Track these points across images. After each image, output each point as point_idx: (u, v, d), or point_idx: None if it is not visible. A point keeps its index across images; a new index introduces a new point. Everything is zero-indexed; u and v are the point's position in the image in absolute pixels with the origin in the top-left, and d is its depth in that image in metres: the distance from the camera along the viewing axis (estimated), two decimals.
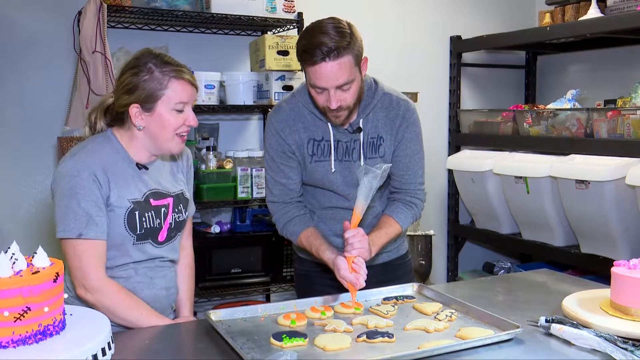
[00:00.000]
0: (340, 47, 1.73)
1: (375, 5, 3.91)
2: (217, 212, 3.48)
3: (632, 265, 1.64)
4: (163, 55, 1.73)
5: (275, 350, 1.46)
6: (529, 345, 1.51)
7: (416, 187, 2.06)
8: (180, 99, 1.70)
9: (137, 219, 1.73)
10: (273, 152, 2.03)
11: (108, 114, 1.80)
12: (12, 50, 3.08)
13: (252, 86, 3.28)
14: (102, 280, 1.69)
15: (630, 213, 2.86)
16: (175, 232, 1.84)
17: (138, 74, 1.68)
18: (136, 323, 1.70)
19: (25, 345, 1.22)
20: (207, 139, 3.38)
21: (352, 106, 1.87)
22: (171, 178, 1.87)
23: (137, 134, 1.75)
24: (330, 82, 1.77)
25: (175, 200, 1.83)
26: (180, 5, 3.12)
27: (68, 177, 1.67)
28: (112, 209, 1.71)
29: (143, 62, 1.70)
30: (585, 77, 4.03)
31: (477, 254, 4.32)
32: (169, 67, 1.69)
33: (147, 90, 1.67)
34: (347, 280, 1.76)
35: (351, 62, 1.77)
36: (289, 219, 2.02)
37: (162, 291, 1.84)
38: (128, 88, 1.69)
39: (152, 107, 1.69)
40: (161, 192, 1.80)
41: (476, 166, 3.61)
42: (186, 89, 1.71)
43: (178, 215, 1.83)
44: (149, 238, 1.77)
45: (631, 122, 2.90)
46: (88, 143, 1.75)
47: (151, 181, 1.79)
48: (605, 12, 3.31)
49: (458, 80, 4.13)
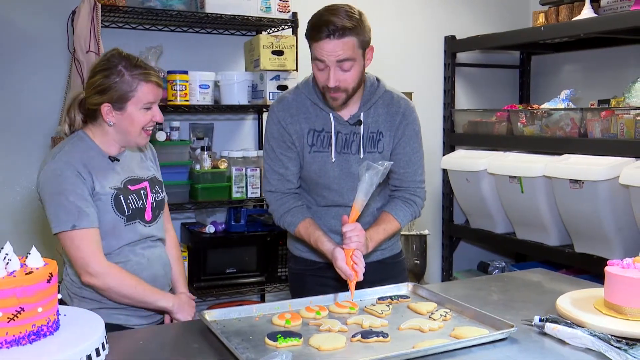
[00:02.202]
0: (346, 27, 1.81)
1: (370, 5, 3.90)
2: (211, 212, 3.48)
3: (626, 265, 1.65)
4: (132, 58, 1.86)
5: (270, 350, 1.46)
6: (524, 345, 1.51)
7: (416, 185, 2.08)
8: (148, 100, 1.85)
9: (123, 202, 1.87)
10: (273, 142, 2.04)
11: (81, 109, 1.92)
12: (6, 50, 3.07)
13: (246, 86, 3.28)
14: (103, 264, 1.80)
15: (624, 212, 2.87)
16: (158, 211, 1.99)
17: (109, 77, 1.81)
18: (143, 299, 1.85)
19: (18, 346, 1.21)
20: (202, 139, 3.37)
21: (351, 91, 1.91)
22: (141, 166, 2.00)
23: (107, 130, 1.88)
24: (332, 56, 1.83)
25: (150, 183, 1.98)
26: (175, 5, 3.11)
27: (53, 177, 1.80)
28: (98, 198, 1.83)
29: (113, 64, 1.83)
30: (579, 77, 4.04)
31: (472, 254, 4.33)
32: (138, 70, 1.83)
33: (119, 92, 1.81)
34: (343, 271, 1.80)
35: (355, 43, 1.83)
36: (286, 209, 2.03)
37: (160, 270, 1.96)
38: (100, 89, 1.82)
39: (123, 107, 1.83)
40: (136, 178, 1.94)
41: (471, 166, 3.61)
42: (153, 91, 1.86)
43: (157, 195, 1.99)
44: (137, 218, 1.90)
45: (624, 121, 2.92)
46: (64, 145, 1.88)
47: (124, 171, 1.93)
48: (599, 12, 3.33)
49: (452, 80, 4.14)
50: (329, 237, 1.94)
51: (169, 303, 1.91)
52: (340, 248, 1.83)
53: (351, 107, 2.01)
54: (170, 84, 3.08)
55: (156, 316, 1.96)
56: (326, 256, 1.91)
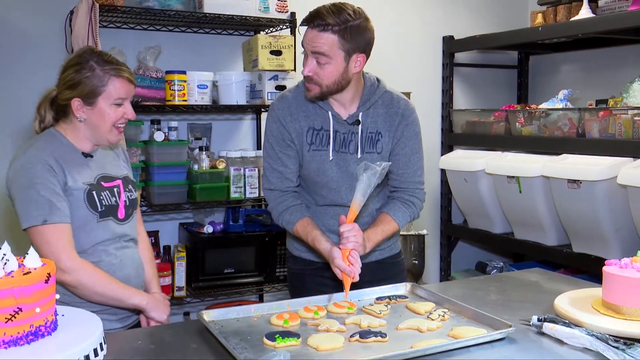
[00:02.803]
0: (329, 24, 1.83)
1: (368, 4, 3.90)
2: (209, 212, 3.47)
3: (624, 265, 1.65)
4: (104, 54, 1.86)
5: (268, 350, 1.46)
6: (522, 344, 1.51)
7: (415, 186, 2.08)
8: (120, 95, 1.84)
9: (96, 198, 1.85)
10: (272, 140, 2.05)
11: (53, 107, 1.91)
12: (4, 49, 3.06)
13: (245, 86, 3.27)
14: (75, 259, 1.77)
15: (622, 212, 2.88)
16: (131, 209, 1.97)
17: (80, 71, 1.80)
18: (115, 296, 1.83)
19: (16, 346, 1.21)
20: (200, 139, 3.37)
21: (325, 88, 1.92)
22: (115, 164, 2.00)
23: (78, 126, 1.87)
24: (308, 45, 1.88)
25: (123, 181, 1.97)
26: (173, 4, 3.11)
27: (23, 170, 1.77)
28: (70, 193, 1.81)
29: (85, 59, 1.82)
30: (577, 77, 4.05)
31: (470, 254, 4.33)
32: (110, 65, 1.82)
33: (89, 86, 1.80)
34: (342, 269, 1.79)
35: (335, 42, 1.85)
36: (285, 207, 2.04)
37: (132, 271, 1.94)
38: (71, 84, 1.81)
39: (94, 102, 1.82)
40: (110, 176, 1.94)
41: (469, 166, 3.62)
42: (124, 86, 1.84)
43: (130, 194, 1.97)
44: (110, 215, 1.89)
45: (622, 122, 2.92)
46: (35, 141, 1.86)
47: (97, 168, 1.92)
48: (597, 12, 3.33)
49: (451, 80, 4.14)
50: (327, 237, 1.94)
51: (143, 300, 1.88)
52: (338, 247, 1.83)
53: (350, 107, 2.01)
54: (169, 84, 3.08)
55: (129, 319, 1.94)
56: (323, 255, 1.91)
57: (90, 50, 1.87)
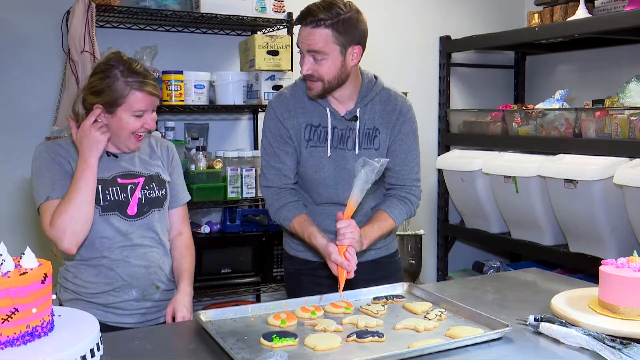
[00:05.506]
0: (321, 19, 1.84)
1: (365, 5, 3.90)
2: (207, 212, 3.47)
3: (620, 264, 1.66)
4: (132, 62, 1.87)
5: (265, 350, 1.46)
6: (518, 344, 1.51)
7: (412, 183, 2.08)
8: (140, 108, 1.86)
9: (100, 193, 1.87)
10: (270, 136, 2.05)
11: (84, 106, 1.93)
12: (0, 49, 3.06)
13: (241, 86, 3.27)
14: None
15: (618, 212, 2.88)
16: (148, 207, 1.95)
17: (104, 79, 1.84)
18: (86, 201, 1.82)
19: (13, 347, 1.21)
20: (197, 139, 3.37)
21: (327, 83, 1.92)
22: (146, 162, 2.00)
23: None
24: (303, 43, 1.89)
25: (147, 179, 1.96)
26: (170, 4, 3.11)
27: (34, 159, 1.88)
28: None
29: (111, 67, 1.84)
30: (573, 77, 4.06)
31: (467, 254, 4.34)
32: (134, 77, 1.84)
33: (111, 96, 1.83)
34: (338, 263, 1.78)
35: (329, 37, 1.85)
36: (282, 204, 2.03)
37: (141, 269, 1.93)
38: (94, 90, 1.85)
39: (114, 111, 1.85)
40: (133, 173, 1.95)
41: (466, 166, 3.62)
42: (146, 99, 1.86)
43: (149, 192, 1.95)
44: (116, 210, 1.89)
45: (619, 121, 2.93)
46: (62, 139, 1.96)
47: (119, 167, 1.94)
48: (594, 12, 3.34)
49: (447, 80, 4.14)
50: (323, 233, 1.93)
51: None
52: (334, 243, 1.82)
53: (347, 103, 2.01)
54: (165, 84, 3.08)
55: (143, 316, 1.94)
56: (319, 251, 1.90)
57: (118, 57, 1.88)
